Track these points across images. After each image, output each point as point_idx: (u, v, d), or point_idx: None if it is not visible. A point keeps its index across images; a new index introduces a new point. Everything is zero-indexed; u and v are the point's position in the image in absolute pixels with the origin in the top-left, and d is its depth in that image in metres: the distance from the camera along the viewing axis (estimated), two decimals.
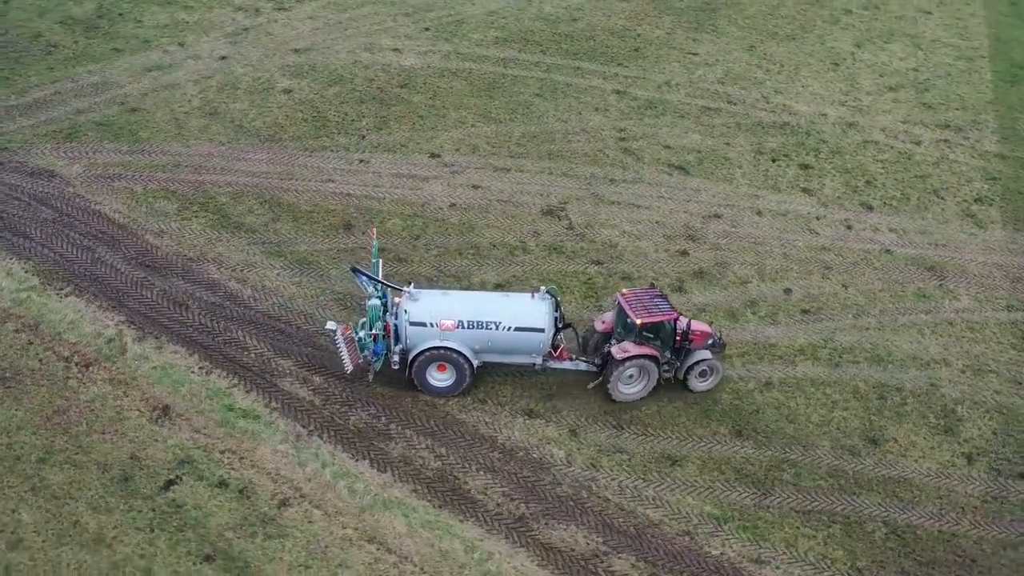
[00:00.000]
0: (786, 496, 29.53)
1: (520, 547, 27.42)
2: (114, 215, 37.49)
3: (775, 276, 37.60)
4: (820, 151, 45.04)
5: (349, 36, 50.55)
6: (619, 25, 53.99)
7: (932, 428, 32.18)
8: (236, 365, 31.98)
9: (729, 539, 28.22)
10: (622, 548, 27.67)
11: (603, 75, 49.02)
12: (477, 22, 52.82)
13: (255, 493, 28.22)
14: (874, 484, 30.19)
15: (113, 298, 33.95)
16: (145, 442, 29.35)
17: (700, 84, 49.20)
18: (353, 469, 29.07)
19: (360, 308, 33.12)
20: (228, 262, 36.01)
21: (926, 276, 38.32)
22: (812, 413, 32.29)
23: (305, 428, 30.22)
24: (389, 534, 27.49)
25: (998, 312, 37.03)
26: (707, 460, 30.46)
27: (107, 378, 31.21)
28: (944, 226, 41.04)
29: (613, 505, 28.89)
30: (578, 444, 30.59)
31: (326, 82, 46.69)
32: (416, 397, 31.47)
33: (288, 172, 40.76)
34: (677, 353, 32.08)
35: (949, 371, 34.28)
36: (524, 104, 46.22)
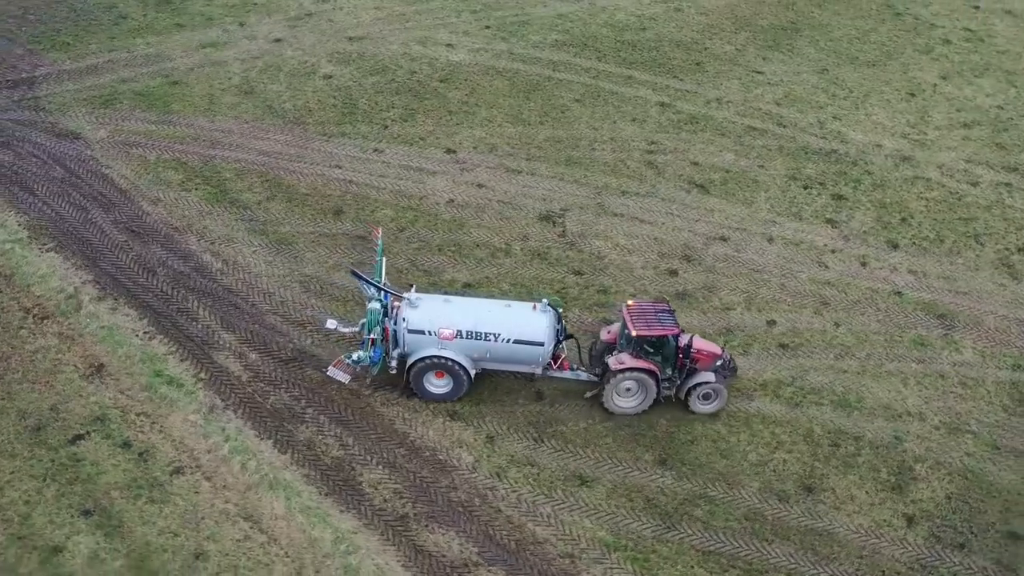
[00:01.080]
0: (691, 533, 28.14)
1: (391, 546, 27.08)
2: (119, 180, 38.94)
3: (763, 306, 35.85)
4: (861, 182, 42.66)
5: (408, 28, 50.95)
6: (688, 38, 52.55)
7: (880, 484, 30.05)
8: (180, 334, 32.69)
9: (613, 568, 27.11)
10: (495, 561, 26.97)
11: (653, 86, 47.82)
12: (542, 24, 52.37)
13: (153, 458, 28.77)
14: (792, 534, 28.41)
15: (89, 258, 35.23)
16: (70, 396, 30.32)
17: (754, 103, 47.35)
18: (253, 447, 29.26)
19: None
20: (210, 235, 36.86)
21: (932, 323, 35.80)
22: (751, 452, 30.64)
23: (223, 401, 30.59)
24: (266, 514, 27.55)
25: (1001, 370, 34.25)
26: (619, 485, 29.32)
27: (56, 332, 32.39)
28: (973, 273, 38.21)
29: (503, 517, 28.15)
30: (490, 452, 29.96)
31: (368, 71, 47.21)
32: (344, 386, 31.36)
33: (299, 155, 41.41)
34: (679, 371, 30.94)
35: (921, 426, 31.93)
36: (560, 108, 45.56)
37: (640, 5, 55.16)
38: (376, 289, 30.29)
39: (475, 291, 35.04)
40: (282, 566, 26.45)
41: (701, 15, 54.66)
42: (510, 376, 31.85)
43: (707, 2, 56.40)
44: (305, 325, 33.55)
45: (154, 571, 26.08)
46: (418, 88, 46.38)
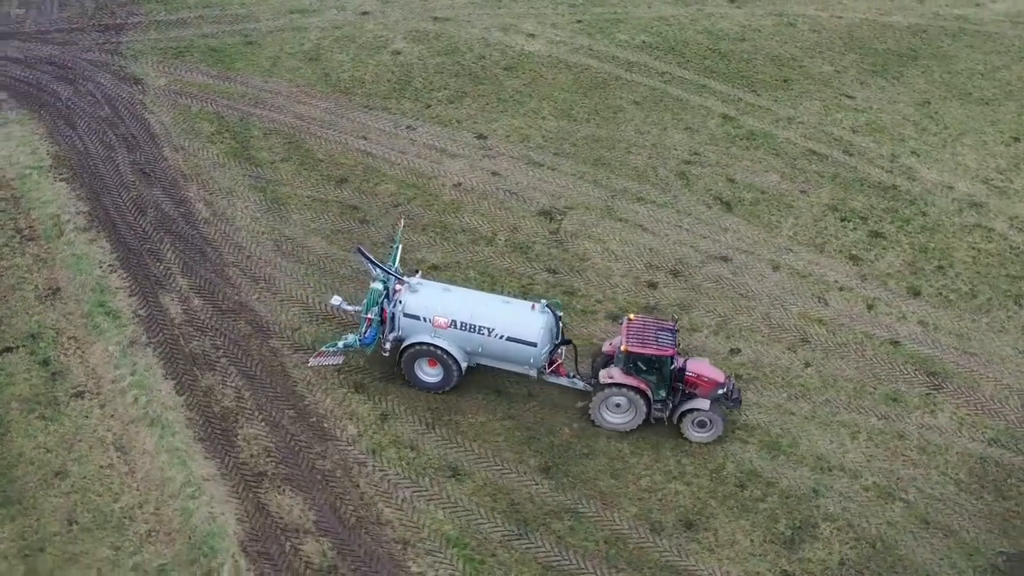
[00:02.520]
0: (541, 545, 27.29)
1: (236, 499, 27.67)
2: (155, 125, 41.33)
3: (734, 333, 34.06)
4: (910, 223, 39.60)
5: (497, 14, 51.18)
6: (787, 54, 50.17)
7: (772, 535, 28.07)
8: (140, 272, 34.51)
9: (442, 564, 26.68)
10: (328, 533, 27.14)
11: (725, 97, 46.06)
12: (636, 24, 51.37)
13: (63, 379, 30.57)
14: (647, 567, 27.08)
15: (93, 192, 37.69)
16: (18, 312, 32.64)
17: (827, 127, 44.77)
18: (153, 385, 30.54)
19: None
20: (212, 186, 38.58)
21: (918, 380, 32.94)
22: (646, 476, 29.33)
23: (148, 339, 32.05)
24: (136, 448, 28.76)
25: (973, 442, 31.16)
26: (490, 484, 28.75)
27: (34, 254, 34.88)
28: (993, 335, 34.85)
29: (357, 493, 28.21)
30: (377, 429, 30.05)
31: (438, 51, 47.83)
32: (267, 343, 32.35)
33: (332, 123, 42.57)
34: (673, 394, 30.03)
35: (850, 484, 29.55)
36: (613, 108, 44.70)
37: (751, 16, 52.96)
38: (381, 270, 30.59)
39: (445, 275, 35.23)
40: (128, 497, 27.40)
41: (813, 32, 51.88)
42: (495, 371, 31.53)
43: (827, 20, 53.36)
44: (258, 280, 34.50)
45: (13, 479, 27.47)
46: (479, 73, 46.45)
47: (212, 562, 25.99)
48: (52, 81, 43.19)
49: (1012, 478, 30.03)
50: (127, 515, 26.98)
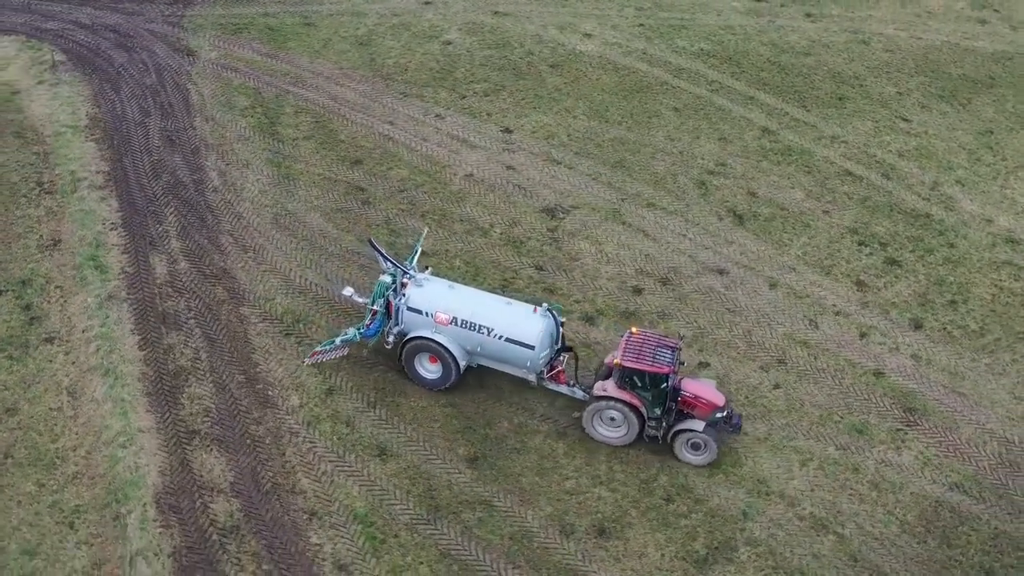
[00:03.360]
0: (445, 533, 27.52)
1: (163, 453, 28.83)
2: (194, 96, 43.17)
3: (708, 347, 33.46)
4: (934, 253, 37.99)
5: (559, 13, 51.28)
6: (851, 72, 48.63)
7: (686, 552, 27.60)
8: (139, 231, 36.20)
9: (343, 539, 27.19)
10: (241, 495, 27.98)
11: (771, 111, 45.05)
12: (699, 32, 50.70)
13: (39, 324, 32.43)
14: (547, 568, 26.97)
15: (117, 154, 39.70)
16: (17, 259, 34.75)
17: (872, 149, 43.29)
18: (119, 338, 32.05)
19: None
20: (231, 157, 40.08)
21: (892, 414, 31.65)
22: (572, 479, 29.19)
23: (127, 294, 33.58)
24: (86, 394, 30.28)
25: (933, 484, 29.83)
26: (413, 468, 29.11)
27: (48, 207, 37.04)
28: (991, 377, 33.10)
29: (281, 461, 29.02)
30: (320, 402, 30.74)
31: (488, 44, 48.32)
32: (238, 309, 33.54)
33: (365, 106, 43.59)
34: (667, 413, 29.49)
35: (784, 512, 28.71)
36: (651, 113, 44.33)
37: (824, 31, 51.48)
38: (390, 263, 31.14)
39: (431, 261, 35.47)
40: (66, 440, 28.82)
41: (886, 51, 50.08)
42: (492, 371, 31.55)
43: (904, 40, 51.43)
44: (247, 250, 35.62)
45: None
46: (523, 68, 46.67)
47: (123, 508, 26.97)
48: (111, 47, 45.39)
49: (964, 526, 28.43)
50: (60, 456, 28.19)
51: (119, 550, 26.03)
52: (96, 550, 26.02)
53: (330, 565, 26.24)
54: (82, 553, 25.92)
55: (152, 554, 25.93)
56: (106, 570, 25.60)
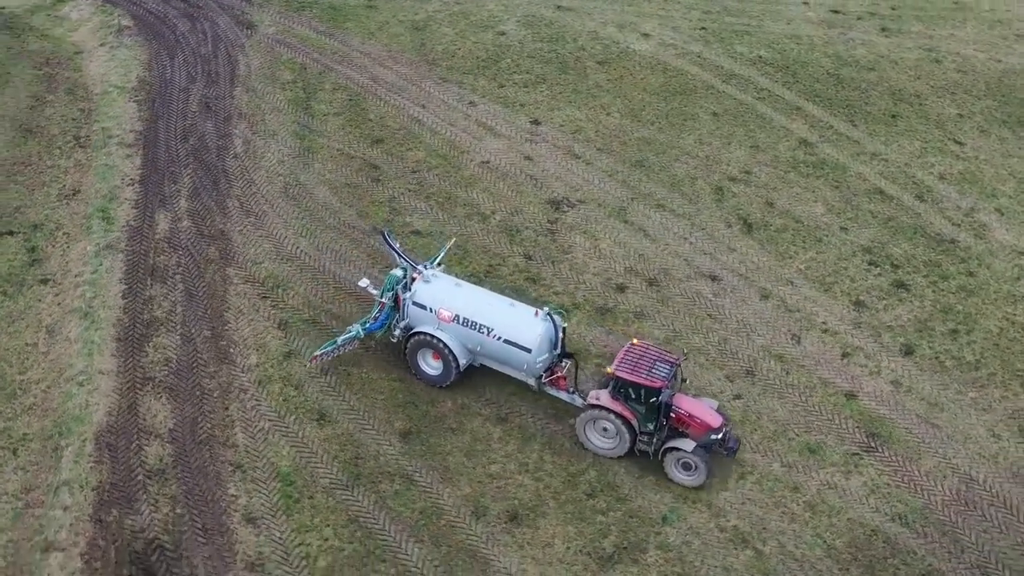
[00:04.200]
0: (359, 500, 28.27)
1: (115, 395, 30.45)
2: (242, 67, 45.14)
3: (676, 350, 33.27)
4: (949, 280, 36.63)
5: (623, 11, 51.20)
6: (914, 89, 47.07)
7: (593, 548, 27.61)
8: (153, 189, 38.17)
9: (258, 493, 28.26)
10: (176, 442, 29.31)
11: (815, 123, 44.10)
12: (762, 39, 49.91)
13: (39, 266, 34.68)
14: (447, 545, 27.48)
15: (154, 115, 41.95)
16: (36, 205, 37.17)
17: (913, 170, 41.92)
18: (106, 286, 34.02)
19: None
20: (259, 126, 41.79)
21: (852, 438, 30.67)
22: (498, 463, 29.53)
23: (125, 244, 35.55)
24: (62, 333, 32.29)
25: (875, 513, 28.93)
26: (346, 434, 29.94)
27: (78, 159, 39.54)
28: (974, 412, 31.61)
29: (222, 415, 30.30)
30: (277, 364, 31.89)
31: (542, 38, 48.75)
32: (224, 270, 35.07)
33: (402, 88, 44.71)
34: (659, 429, 28.77)
35: (706, 521, 28.28)
36: (687, 116, 44.03)
37: (896, 47, 49.90)
38: (400, 257, 31.53)
39: (423, 241, 36.29)
40: (33, 373, 30.80)
41: (958, 72, 48.24)
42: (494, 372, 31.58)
43: (982, 62, 49.34)
44: (249, 215, 37.08)
45: None
46: (570, 63, 46.90)
47: (63, 441, 28.53)
48: (177, 16, 47.67)
49: (895, 559, 27.40)
50: (23, 388, 30.06)
51: (49, 479, 27.42)
52: (30, 476, 27.53)
53: (240, 517, 27.08)
54: (16, 478, 27.47)
55: (78, 486, 27.24)
56: (32, 496, 27.04)
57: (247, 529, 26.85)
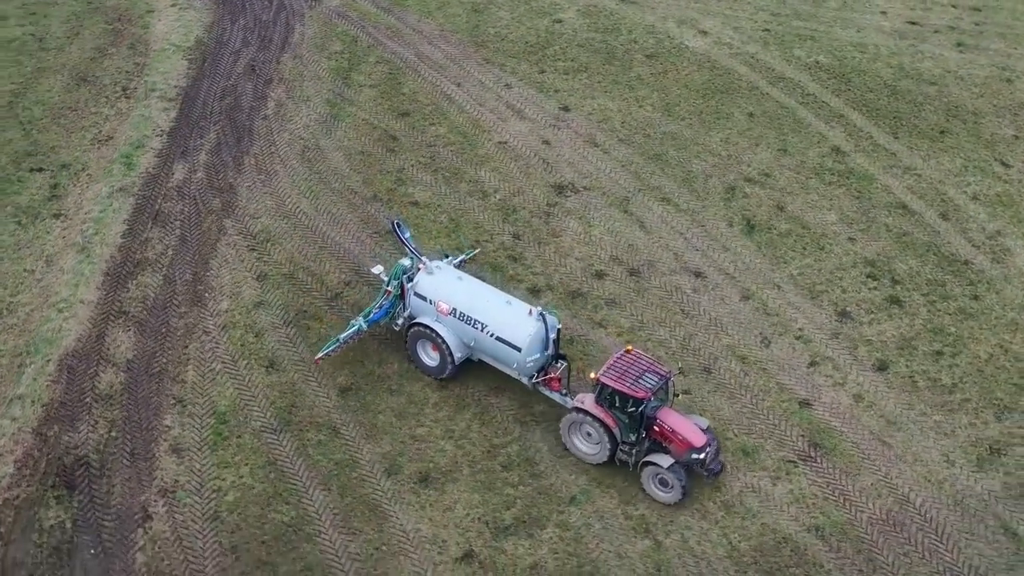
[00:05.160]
0: (282, 446, 29.50)
1: (88, 314, 32.77)
2: (296, 35, 47.29)
3: (639, 340, 33.26)
4: (949, 301, 35.47)
5: (689, 7, 50.95)
6: (973, 108, 45.39)
7: (493, 518, 28.08)
8: (180, 141, 40.52)
9: (191, 427, 29.85)
10: (131, 372, 31.24)
11: (853, 132, 43.18)
12: (825, 45, 48.98)
13: (57, 201, 37.47)
14: (352, 477, 28.59)
15: (201, 73, 44.46)
16: (71, 146, 40.15)
17: (945, 188, 40.63)
18: (110, 225, 36.37)
19: None
20: (296, 92, 43.75)
21: (794, 445, 29.97)
22: (426, 427, 30.33)
23: (138, 189, 37.97)
24: (58, 264, 34.81)
25: (791, 522, 28.47)
26: (289, 384, 31.15)
27: (119, 109, 42.37)
28: (933, 435, 30.39)
29: (181, 353, 32.17)
30: (245, 312, 33.50)
31: (597, 28, 49.16)
32: (223, 220, 36.89)
33: (442, 66, 45.98)
34: (640, 441, 28.06)
35: (614, 507, 28.44)
36: (721, 115, 43.85)
37: (968, 63, 48.13)
38: (408, 248, 32.06)
39: (418, 211, 37.34)
40: (22, 296, 33.37)
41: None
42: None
43: None
44: (261, 172, 38.96)
45: None
46: (617, 55, 47.18)
47: (28, 360, 30.84)
48: None
49: (798, 569, 26.97)
50: (10, 309, 32.62)
51: (6, 391, 29.61)
52: None
53: (167, 446, 28.71)
54: None
55: (30, 401, 29.41)
56: None
57: (171, 458, 28.27)
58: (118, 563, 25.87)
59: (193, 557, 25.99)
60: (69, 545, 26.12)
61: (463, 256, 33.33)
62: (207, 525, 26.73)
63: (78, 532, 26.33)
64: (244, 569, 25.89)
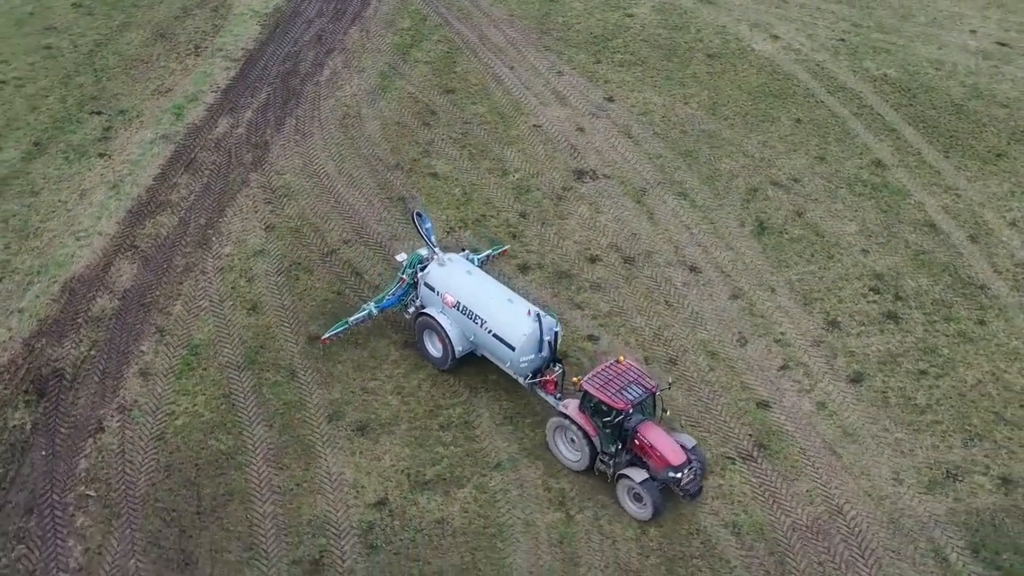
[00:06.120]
0: (240, 382, 31.03)
1: (98, 254, 35.31)
2: (368, 11, 49.56)
3: (611, 327, 33.73)
4: (952, 323, 34.36)
5: (767, 11, 50.63)
6: None
7: (416, 472, 29.06)
8: (233, 99, 43.06)
9: (163, 358, 31.95)
10: (124, 300, 33.71)
11: (901, 147, 42.19)
12: (900, 59, 47.91)
13: (105, 143, 40.51)
14: (291, 436, 29.75)
15: (269, 39, 47.08)
16: (133, 95, 43.17)
17: (984, 210, 39.21)
18: (145, 167, 39.07)
19: None
20: (354, 62, 45.82)
21: (738, 444, 29.58)
22: (378, 380, 31.35)
23: (180, 137, 40.85)
24: (89, 198, 37.65)
25: (710, 516, 28.57)
26: (264, 327, 32.59)
27: (185, 66, 45.36)
28: (889, 453, 29.44)
29: (175, 288, 34.21)
30: (245, 258, 35.53)
31: (666, 25, 49.53)
32: (251, 174, 38.86)
33: (501, 48, 47.31)
34: (619, 452, 27.54)
35: (536, 477, 29.21)
36: (767, 118, 43.69)
37: None
38: (424, 239, 32.58)
39: (436, 183, 38.42)
40: (50, 224, 36.24)
41: None
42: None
43: None
44: (298, 132, 41.08)
45: (10, 187, 37.86)
46: (679, 52, 47.46)
47: (37, 278, 33.67)
48: None
49: (701, 561, 26.90)
50: (37, 233, 35.61)
51: (9, 304, 32.51)
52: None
53: (137, 369, 30.90)
54: None
55: (28, 315, 32.17)
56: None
57: (137, 380, 30.42)
58: (63, 465, 27.88)
59: (130, 470, 27.85)
60: (24, 444, 28.33)
61: (488, 252, 33.54)
62: (151, 444, 28.55)
63: (35, 434, 28.55)
64: (171, 487, 27.48)
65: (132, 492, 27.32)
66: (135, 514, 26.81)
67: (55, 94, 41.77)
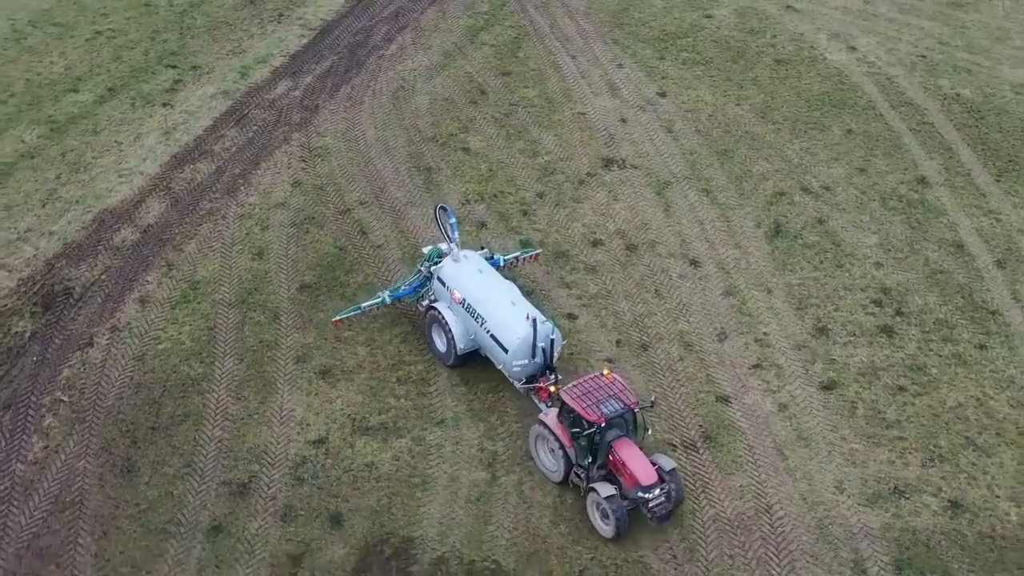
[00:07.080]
0: (229, 316, 33.32)
1: (135, 190, 38.47)
2: None
3: (593, 309, 34.24)
4: (948, 344, 33.38)
5: (851, 22, 49.52)
6: None
7: (362, 418, 30.99)
8: (295, 65, 45.70)
9: (165, 288, 34.28)
10: (142, 234, 36.41)
11: (952, 166, 40.76)
12: (979, 80, 46.22)
13: (173, 94, 43.55)
14: (256, 376, 32.08)
15: (350, 13, 49.45)
16: (207, 54, 46.17)
17: (1018, 237, 38.55)
18: (199, 118, 42.12)
19: None
20: (421, 40, 47.49)
21: (684, 433, 29.78)
22: (355, 331, 33.46)
23: (235, 98, 43.85)
24: (141, 142, 40.87)
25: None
26: (262, 272, 34.63)
27: (265, 30, 48.18)
28: (840, 462, 28.85)
29: (192, 228, 36.94)
30: (266, 209, 38.02)
31: (742, 28, 49.37)
32: (291, 137, 41.01)
33: (568, 38, 48.08)
34: (592, 466, 26.85)
35: (462, 451, 30.61)
36: (817, 126, 43.23)
37: None
38: (444, 234, 32.99)
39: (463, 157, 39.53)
40: (102, 160, 39.36)
41: None
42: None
43: None
44: (346, 100, 43.32)
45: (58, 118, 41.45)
46: (749, 55, 47.34)
47: (77, 207, 36.82)
48: None
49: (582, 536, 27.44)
50: (87, 168, 38.84)
51: (44, 226, 35.77)
52: (38, 222, 36.04)
53: (138, 295, 33.44)
54: (26, 222, 36.06)
55: (56, 238, 35.27)
56: (27, 234, 35.44)
57: (135, 306, 32.95)
58: (47, 371, 30.49)
59: (105, 383, 30.25)
60: (21, 350, 31.13)
61: (517, 254, 33.63)
62: (131, 363, 30.90)
63: (31, 342, 31.27)
64: (136, 403, 29.75)
65: (100, 403, 29.49)
66: (97, 422, 28.97)
67: (140, 47, 44.94)
